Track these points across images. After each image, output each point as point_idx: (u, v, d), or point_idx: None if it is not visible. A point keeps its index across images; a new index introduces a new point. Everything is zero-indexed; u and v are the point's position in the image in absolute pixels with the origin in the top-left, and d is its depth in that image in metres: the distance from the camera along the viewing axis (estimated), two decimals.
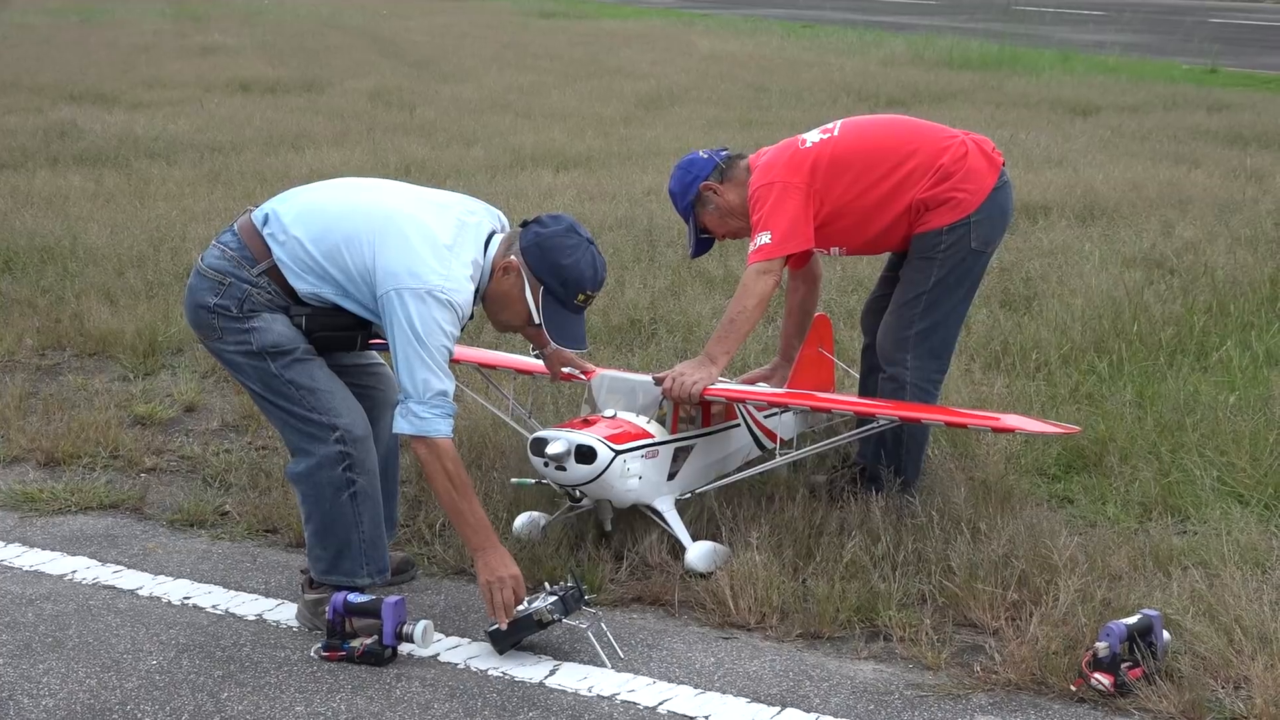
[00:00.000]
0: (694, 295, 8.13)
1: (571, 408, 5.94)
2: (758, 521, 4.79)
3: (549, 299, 4.21)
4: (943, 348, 5.09)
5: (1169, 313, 7.36)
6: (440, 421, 4.04)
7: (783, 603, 4.39)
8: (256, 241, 4.19)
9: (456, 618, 4.40)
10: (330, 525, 4.24)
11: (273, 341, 4.16)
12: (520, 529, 4.87)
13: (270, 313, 4.17)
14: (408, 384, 4.04)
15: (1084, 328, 7.18)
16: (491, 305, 4.30)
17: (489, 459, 5.54)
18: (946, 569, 4.47)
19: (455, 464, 4.08)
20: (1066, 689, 3.87)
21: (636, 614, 4.47)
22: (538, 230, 4.22)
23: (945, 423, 4.76)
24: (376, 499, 4.29)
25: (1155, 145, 13.26)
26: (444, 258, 4.05)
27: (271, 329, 4.16)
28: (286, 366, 4.18)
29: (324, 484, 4.20)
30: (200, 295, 4.20)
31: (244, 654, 4.11)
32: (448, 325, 4.05)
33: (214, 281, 4.18)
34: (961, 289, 5.05)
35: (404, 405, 4.05)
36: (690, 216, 5.20)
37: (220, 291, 4.17)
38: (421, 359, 4.01)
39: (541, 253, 4.18)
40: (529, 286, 4.20)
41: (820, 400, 5.06)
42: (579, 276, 4.17)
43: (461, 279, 4.10)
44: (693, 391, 4.77)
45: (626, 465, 4.58)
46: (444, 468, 4.05)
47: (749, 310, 4.90)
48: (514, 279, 4.21)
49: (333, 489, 4.20)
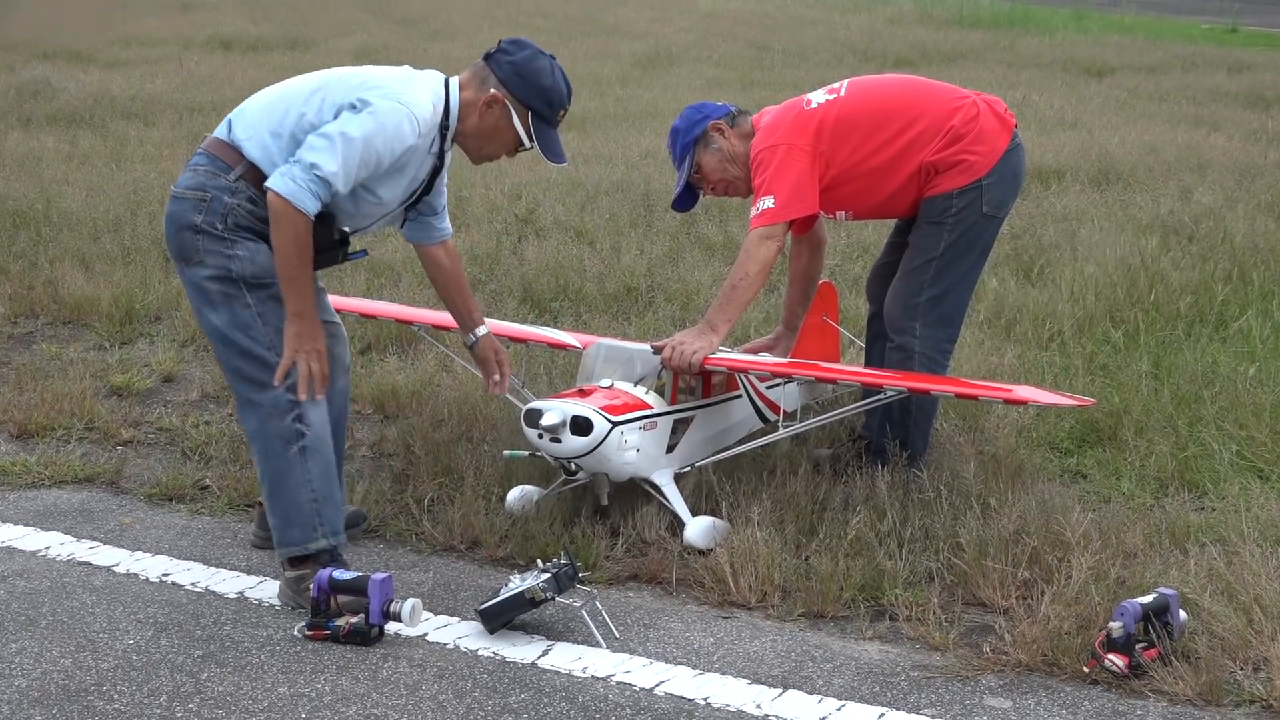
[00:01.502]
0: (693, 262, 8.11)
1: (566, 378, 5.92)
2: (759, 496, 4.78)
3: (537, 121, 4.39)
4: (952, 316, 5.07)
5: (1187, 281, 7.34)
6: (312, 200, 4.08)
7: (785, 581, 4.38)
8: (225, 150, 4.27)
9: (445, 596, 4.39)
10: (280, 484, 4.26)
11: (254, 272, 4.20)
12: (513, 503, 4.85)
13: (254, 241, 4.21)
14: (305, 152, 4.12)
15: (1098, 296, 7.16)
16: (474, 140, 4.44)
17: (479, 431, 5.52)
18: (955, 546, 4.46)
19: (306, 239, 4.14)
20: (1079, 671, 3.87)
21: (633, 592, 4.46)
22: (509, 60, 4.37)
23: (955, 394, 4.75)
24: (328, 456, 4.30)
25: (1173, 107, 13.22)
26: (400, 81, 4.27)
27: (255, 259, 4.20)
28: (263, 301, 4.21)
29: (272, 435, 4.23)
30: (183, 217, 4.23)
31: (224, 633, 4.10)
32: (386, 141, 4.17)
33: (194, 200, 4.22)
34: (972, 255, 5.03)
35: (288, 165, 4.12)
36: (687, 157, 5.14)
37: (203, 208, 4.20)
38: (334, 145, 4.11)
39: (523, 79, 4.35)
40: (516, 114, 4.37)
41: (825, 371, 5.04)
42: (560, 94, 4.39)
43: (420, 103, 4.22)
44: (692, 361, 4.76)
45: (624, 437, 4.57)
46: (295, 234, 4.10)
47: (751, 277, 4.88)
48: (499, 111, 4.37)
49: (281, 442, 4.22)
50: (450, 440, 5.41)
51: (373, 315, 5.79)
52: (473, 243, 8.65)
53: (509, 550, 4.67)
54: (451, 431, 5.55)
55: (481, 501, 4.86)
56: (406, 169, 4.32)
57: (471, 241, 8.69)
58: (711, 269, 7.99)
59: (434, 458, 5.24)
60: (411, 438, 5.48)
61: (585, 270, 7.95)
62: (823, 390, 5.66)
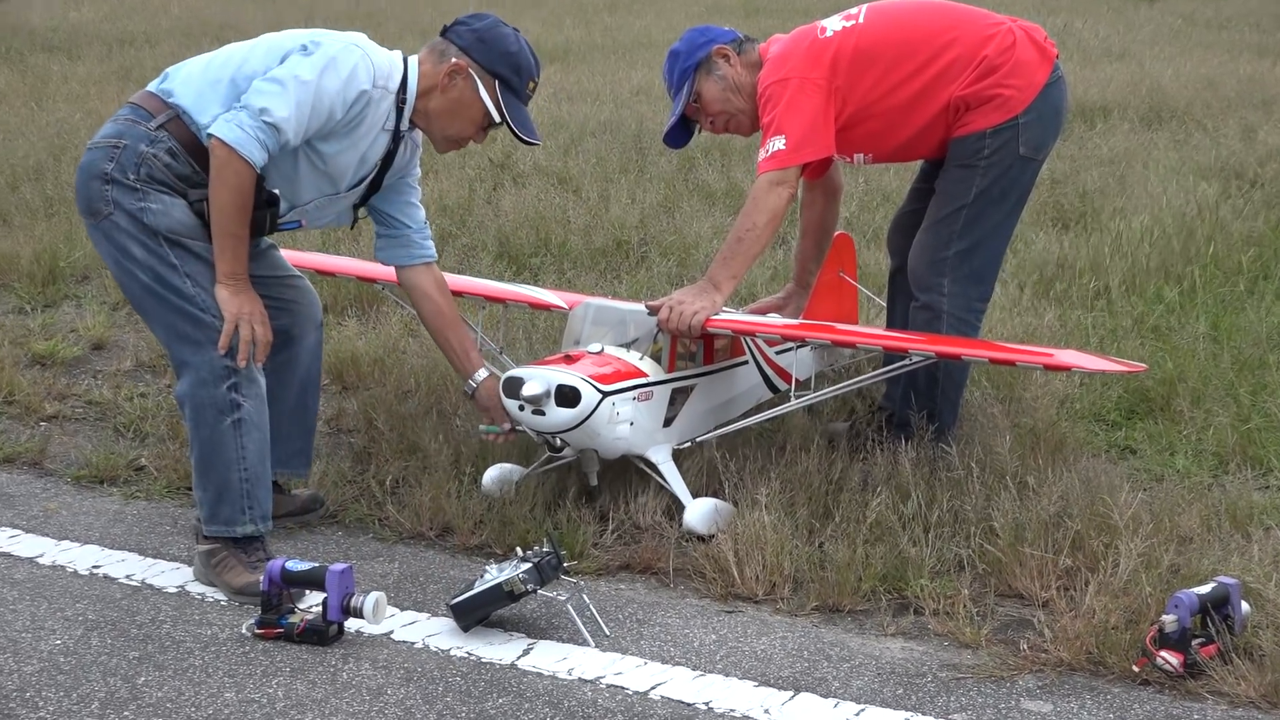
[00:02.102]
0: (691, 212, 8.10)
1: (550, 343, 5.91)
2: (767, 476, 4.78)
3: (505, 93, 4.45)
4: (985, 271, 5.07)
5: (1250, 231, 7.34)
6: (259, 150, 4.13)
7: (796, 570, 4.39)
8: (151, 99, 4.32)
9: (413, 589, 4.39)
10: (211, 458, 4.28)
11: (170, 227, 4.22)
12: (490, 485, 4.86)
13: (169, 195, 4.23)
14: (253, 96, 4.15)
15: (1150, 249, 7.16)
16: (439, 120, 4.49)
17: (451, 403, 5.52)
18: (988, 531, 4.46)
19: (249, 193, 4.18)
20: (1128, 670, 3.87)
21: (625, 584, 4.46)
22: (470, 29, 4.46)
23: (988, 359, 4.74)
24: (264, 431, 4.32)
25: (1234, 35, 13.20)
26: (355, 34, 4.38)
27: (170, 213, 4.23)
28: (186, 258, 4.23)
29: (205, 403, 4.24)
30: (93, 166, 4.26)
31: (163, 632, 4.10)
32: (340, 86, 4.21)
33: (107, 148, 4.25)
34: (1007, 202, 5.02)
35: (235, 111, 4.15)
36: (686, 84, 5.12)
37: (115, 156, 4.23)
38: (286, 89, 4.15)
39: (486, 46, 4.43)
40: (482, 85, 4.43)
41: (841, 334, 5.04)
42: (527, 62, 4.48)
43: (376, 52, 4.32)
44: (693, 323, 4.75)
45: (615, 409, 4.57)
46: (239, 185, 4.14)
47: (759, 228, 4.86)
48: (464, 81, 4.43)
49: (214, 411, 4.24)
50: (418, 414, 5.41)
51: (329, 272, 5.78)
52: (442, 191, 8.64)
53: (484, 537, 4.68)
54: (419, 404, 5.55)
55: (453, 483, 4.86)
56: (359, 131, 4.33)
57: (440, 190, 8.67)
58: (712, 219, 7.97)
59: (399, 433, 5.24)
60: (374, 411, 5.48)
61: (569, 222, 7.93)
62: (839, 356, 5.65)
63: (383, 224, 4.76)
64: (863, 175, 8.60)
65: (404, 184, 4.68)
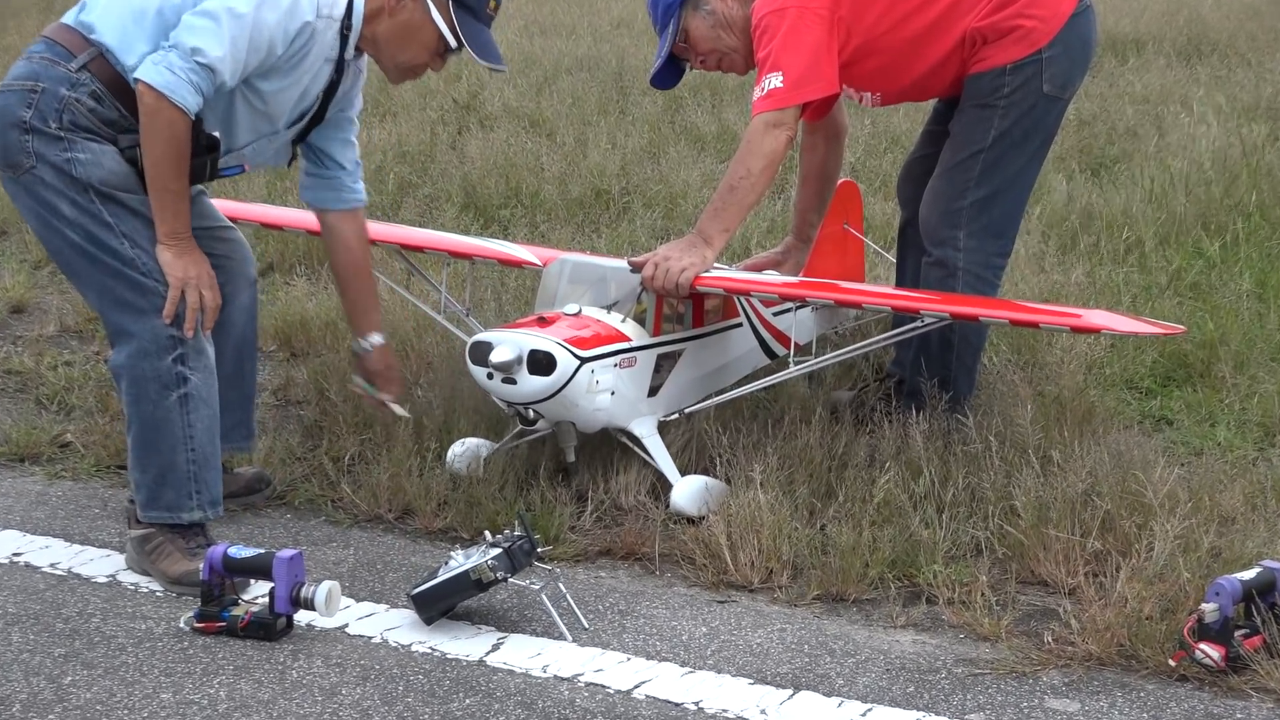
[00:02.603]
0: (678, 158, 8.08)
1: (522, 304, 5.90)
2: (763, 451, 4.78)
3: (462, 13, 4.44)
4: (1005, 223, 5.06)
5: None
6: (193, 94, 4.10)
7: (795, 556, 4.39)
8: (69, 35, 4.24)
9: (370, 578, 4.39)
10: (153, 437, 4.25)
11: (102, 178, 4.17)
12: (455, 461, 4.85)
13: (98, 142, 4.18)
14: (183, 34, 4.10)
15: (1189, 198, 7.15)
16: (389, 47, 4.48)
17: (412, 370, 5.51)
18: (1008, 511, 4.47)
19: (185, 142, 4.14)
20: (1163, 665, 3.88)
21: (605, 571, 4.47)
22: None
23: (1009, 321, 4.74)
24: (214, 408, 4.30)
25: None
26: None
27: (101, 163, 4.18)
28: (120, 216, 4.18)
29: (147, 377, 4.21)
30: (9, 113, 4.19)
31: (92, 627, 4.09)
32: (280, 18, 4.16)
33: (23, 92, 4.19)
34: (1030, 146, 5.01)
35: (164, 52, 4.10)
36: (671, 21, 5.11)
37: (33, 102, 4.17)
38: (219, 25, 4.10)
39: None
40: (434, 6, 4.42)
41: (846, 293, 5.03)
42: None
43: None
44: (680, 281, 4.74)
45: (594, 377, 4.56)
46: (172, 135, 4.10)
47: (754, 175, 4.85)
48: (413, 3, 4.42)
49: (158, 385, 4.21)
50: None
51: (275, 226, 5.76)
52: (401, 135, 8.61)
53: (449, 520, 4.68)
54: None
55: (415, 460, 4.85)
56: (302, 67, 4.30)
57: (400, 133, 8.64)
58: (702, 166, 7.95)
59: (354, 405, 5.23)
60: (326, 381, 5.46)
61: (542, 169, 7.91)
62: (843, 317, 5.65)
63: (313, 162, 4.69)
64: (869, 116, 8.58)
65: (343, 118, 4.63)
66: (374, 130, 8.79)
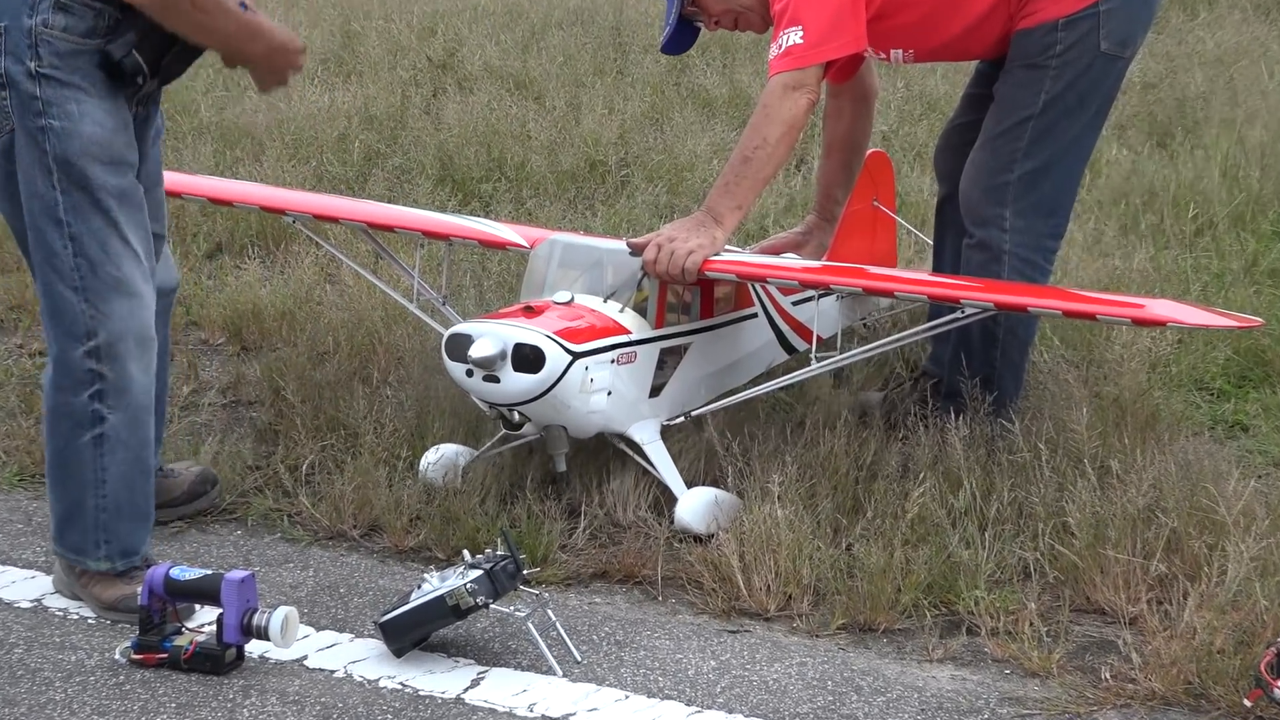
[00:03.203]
0: (684, 124, 8.08)
1: (506, 291, 5.90)
2: (781, 460, 4.78)
3: None
4: (1058, 200, 5.06)
5: None
6: None
7: (818, 579, 4.39)
8: None
9: (332, 603, 4.39)
10: (61, 475, 4.26)
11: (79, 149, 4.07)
12: (429, 470, 4.86)
13: (77, 99, 4.07)
14: None
15: (1266, 172, 7.15)
16: None
17: (380, 367, 5.51)
18: (1060, 529, 4.47)
19: None
20: (1237, 704, 3.88)
21: (601, 596, 4.47)
22: None
23: (1061, 312, 4.74)
24: (137, 450, 4.26)
25: None
26: None
27: (79, 130, 4.07)
28: (79, 211, 4.09)
29: (60, 411, 4.21)
30: None
31: (15, 658, 4.09)
32: None
33: None
34: (1086, 112, 5.01)
35: None
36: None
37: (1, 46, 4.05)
38: None
39: None
40: None
41: (875, 279, 5.03)
42: None
43: None
44: (687, 265, 4.74)
45: (589, 374, 4.56)
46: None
47: (771, 144, 4.85)
48: None
49: (70, 423, 4.20)
50: (337, 381, 5.40)
51: (224, 201, 5.76)
52: (367, 97, 8.61)
53: (422, 538, 4.68)
54: (339, 369, 5.54)
55: (384, 468, 4.85)
56: None
57: (366, 96, 8.64)
58: (712, 134, 7.95)
59: (314, 407, 5.23)
60: (282, 378, 5.46)
61: (529, 137, 7.91)
62: (873, 307, 5.65)
63: None
64: (902, 77, 8.58)
65: None
66: (337, 92, 8.80)
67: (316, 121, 8.24)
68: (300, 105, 8.46)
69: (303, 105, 8.46)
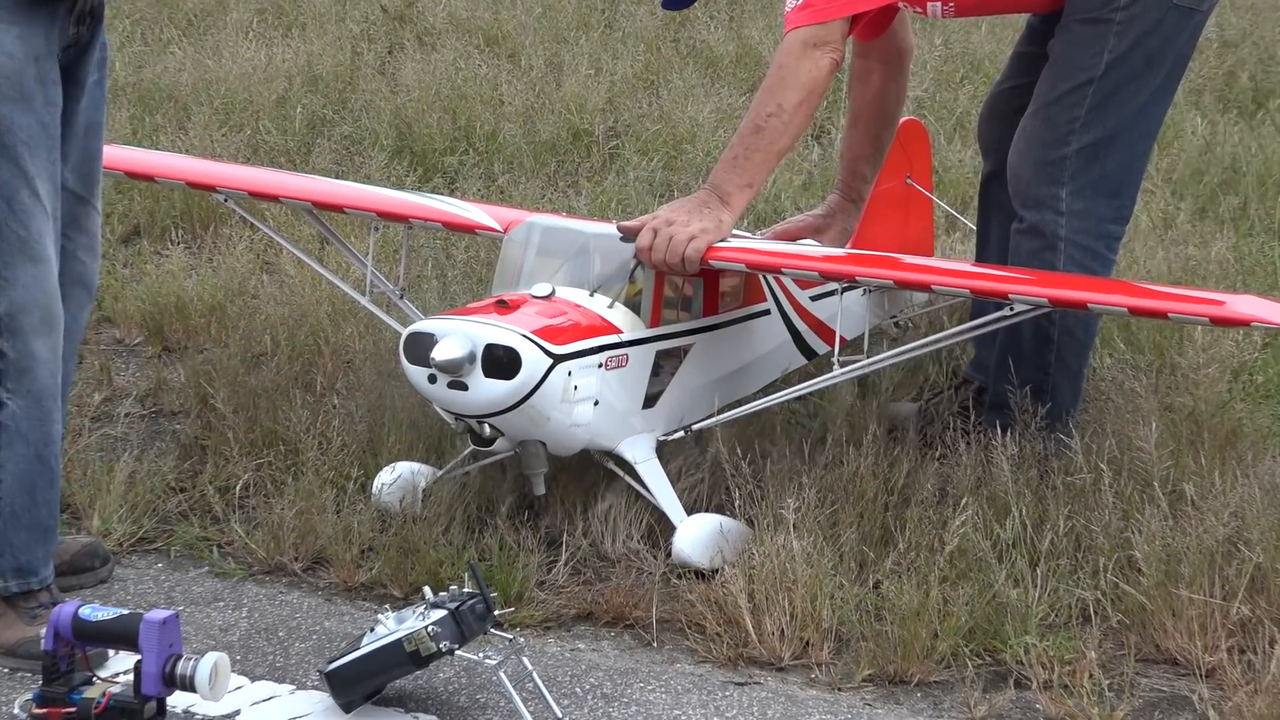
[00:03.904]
0: (684, 88, 8.08)
1: (476, 282, 5.90)
2: (797, 481, 4.78)
3: None
4: (1123, 178, 5.08)
5: None
6: None
7: (840, 623, 4.40)
8: None
9: (270, 649, 4.39)
10: None
11: None
12: (384, 493, 4.86)
13: None
14: None
15: None
16: None
17: (325, 371, 5.51)
18: (1126, 564, 4.47)
19: None
20: None
21: (586, 642, 4.48)
22: None
23: (1128, 310, 4.75)
24: (39, 448, 4.26)
25: None
26: None
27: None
28: None
29: None
30: None
31: None
32: None
33: None
34: (1156, 74, 5.03)
35: None
36: None
37: None
38: None
39: None
40: None
41: (908, 270, 5.04)
42: None
43: None
44: (688, 253, 4.74)
45: (572, 381, 4.56)
46: None
47: (788, 111, 4.85)
48: None
49: None
50: (276, 388, 5.40)
51: (144, 176, 5.74)
52: (311, 54, 8.61)
53: (376, 573, 4.68)
54: (278, 373, 5.53)
55: (330, 490, 4.85)
56: None
57: (310, 52, 8.64)
58: (716, 100, 7.96)
59: (249, 418, 5.23)
60: (211, 384, 5.46)
61: (502, 102, 7.90)
62: (906, 303, 5.65)
63: None
64: (940, 34, 8.59)
65: None
66: (275, 48, 8.80)
67: (252, 82, 8.23)
68: (233, 63, 8.45)
69: (235, 63, 8.45)
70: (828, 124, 7.42)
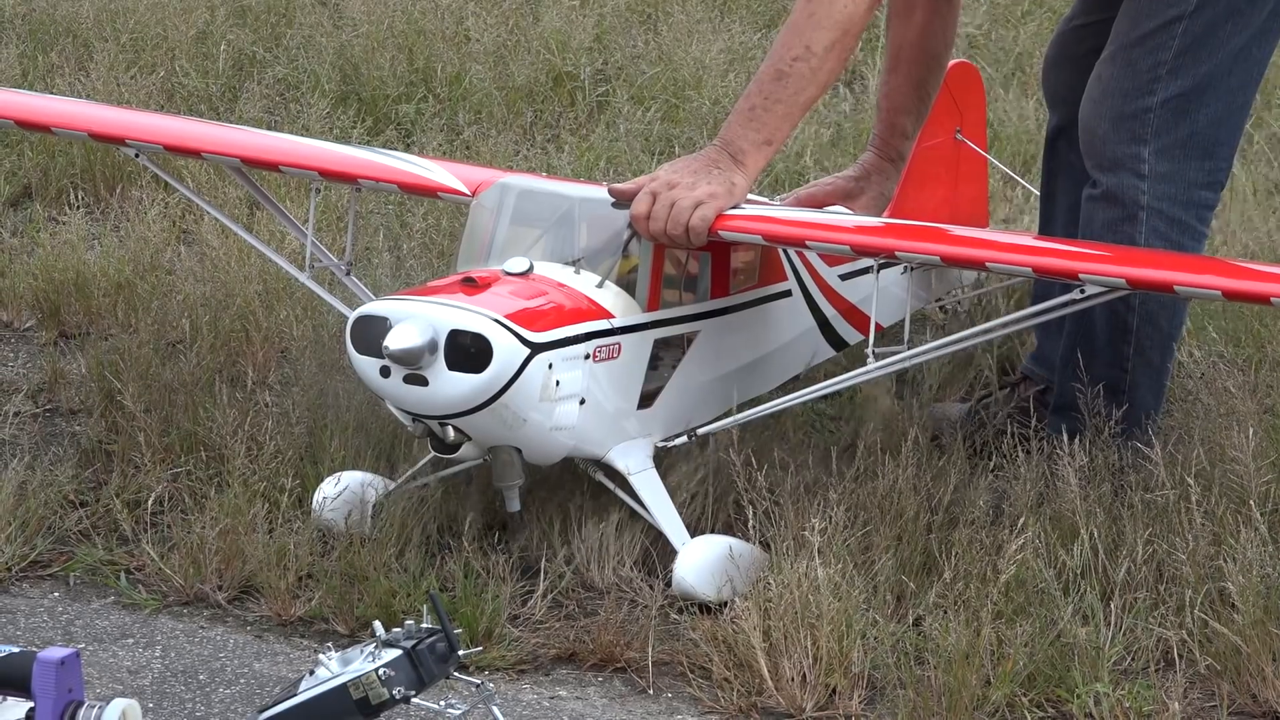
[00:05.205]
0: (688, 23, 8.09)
1: (437, 257, 5.92)
2: (823, 497, 4.81)
3: None
4: (1216, 136, 5.10)
5: None
6: None
7: (874, 667, 4.43)
8: None
9: (189, 695, 4.41)
10: None
11: None
12: (328, 509, 4.89)
13: None
14: None
15: None
16: None
17: (258, 362, 5.53)
18: (1216, 598, 4.50)
19: None
20: None
21: (568, 688, 4.50)
22: None
23: (1222, 293, 4.76)
24: None
25: None
26: None
27: None
28: None
29: None
30: None
31: None
32: None
33: None
34: (1258, 12, 5.04)
35: None
36: None
37: None
38: None
39: None
40: None
41: (958, 244, 5.07)
42: None
43: None
44: (694, 223, 4.76)
45: (554, 375, 4.59)
46: None
47: (817, 54, 4.87)
48: None
49: None
50: (196, 382, 5.41)
51: (37, 125, 5.75)
52: None
53: (316, 604, 4.70)
54: (199, 365, 5.54)
55: (261, 505, 4.87)
56: None
57: None
58: (727, 37, 7.98)
59: (163, 418, 5.25)
60: (118, 378, 5.47)
61: (468, 38, 7.92)
62: (955, 284, 5.67)
63: None
64: None
65: None
66: None
67: (166, 14, 8.24)
68: None
69: None
70: (862, 67, 7.45)
